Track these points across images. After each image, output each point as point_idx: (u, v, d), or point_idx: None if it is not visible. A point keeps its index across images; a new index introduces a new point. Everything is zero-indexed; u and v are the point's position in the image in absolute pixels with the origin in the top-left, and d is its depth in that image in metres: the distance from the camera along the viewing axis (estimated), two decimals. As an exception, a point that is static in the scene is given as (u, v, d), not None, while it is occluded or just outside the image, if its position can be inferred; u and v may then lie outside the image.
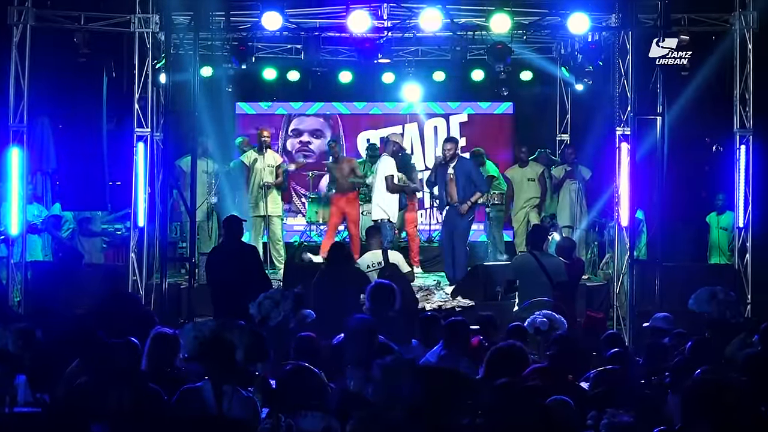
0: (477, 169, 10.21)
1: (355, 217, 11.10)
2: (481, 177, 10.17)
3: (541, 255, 8.13)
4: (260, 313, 5.85)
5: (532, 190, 11.61)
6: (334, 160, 11.28)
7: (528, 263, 8.06)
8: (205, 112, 10.50)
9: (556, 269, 8.03)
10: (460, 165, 9.95)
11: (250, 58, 10.70)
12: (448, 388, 3.56)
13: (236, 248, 7.84)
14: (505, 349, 4.56)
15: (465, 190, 9.85)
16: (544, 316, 6.58)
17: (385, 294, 5.95)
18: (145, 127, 9.62)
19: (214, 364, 4.20)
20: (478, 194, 9.89)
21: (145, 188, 9.63)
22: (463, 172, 9.88)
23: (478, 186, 9.93)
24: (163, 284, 8.99)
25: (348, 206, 11.04)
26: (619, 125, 9.50)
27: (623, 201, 9.39)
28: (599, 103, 10.90)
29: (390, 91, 13.11)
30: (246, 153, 11.15)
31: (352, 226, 11.08)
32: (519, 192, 11.65)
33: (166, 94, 9.64)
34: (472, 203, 9.84)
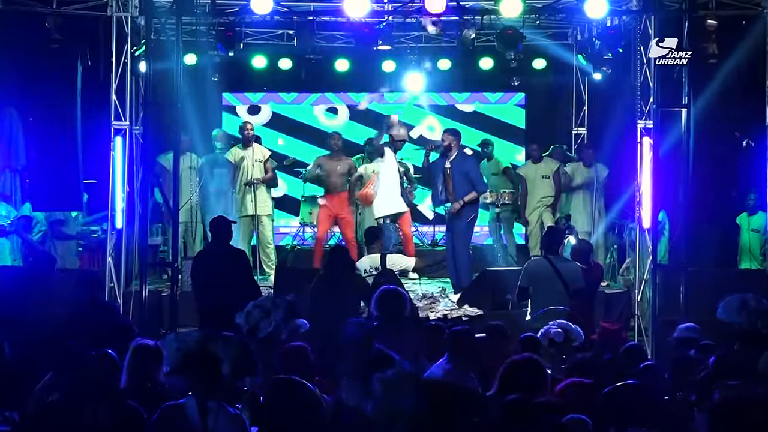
0: (477, 167, 10.09)
1: (349, 219, 11.08)
2: (480, 177, 10.10)
3: (556, 259, 8.13)
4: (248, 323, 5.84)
5: (546, 188, 11.58)
6: (330, 153, 11.16)
7: (542, 268, 8.06)
8: (189, 103, 10.50)
9: (572, 275, 8.03)
10: (459, 161, 9.93)
11: (237, 45, 10.69)
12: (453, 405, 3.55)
13: (223, 252, 7.84)
14: (522, 363, 4.55)
15: (461, 189, 9.84)
16: (559, 326, 6.57)
17: (394, 301, 5.92)
18: (124, 120, 9.61)
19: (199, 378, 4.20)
20: (473, 194, 9.85)
21: (123, 187, 9.62)
22: (460, 170, 9.87)
23: (476, 186, 9.90)
24: (143, 291, 8.99)
25: (341, 208, 10.99)
26: (641, 118, 9.49)
27: (645, 201, 9.38)
28: (619, 94, 10.89)
29: (391, 81, 13.11)
30: (231, 150, 11.10)
31: (348, 230, 11.05)
32: (532, 190, 11.62)
33: (146, 83, 9.64)
34: (465, 203, 9.81)
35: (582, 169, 11.54)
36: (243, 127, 11.00)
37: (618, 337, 7.42)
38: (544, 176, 11.62)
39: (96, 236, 11.14)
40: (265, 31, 11.97)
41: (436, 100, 13.73)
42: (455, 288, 9.98)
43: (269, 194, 11.10)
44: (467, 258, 9.97)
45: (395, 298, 5.91)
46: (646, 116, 9.44)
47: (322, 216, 11.04)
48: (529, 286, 8.10)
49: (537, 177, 11.62)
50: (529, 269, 8.24)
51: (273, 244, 11.13)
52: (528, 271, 8.22)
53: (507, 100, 13.80)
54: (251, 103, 13.76)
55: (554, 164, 11.68)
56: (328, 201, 11.02)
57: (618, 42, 10.48)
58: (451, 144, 9.95)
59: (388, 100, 13.72)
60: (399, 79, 12.93)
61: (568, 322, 6.68)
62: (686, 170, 9.27)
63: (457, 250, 9.90)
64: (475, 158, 10.31)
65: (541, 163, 11.68)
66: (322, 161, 11.12)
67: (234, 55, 10.84)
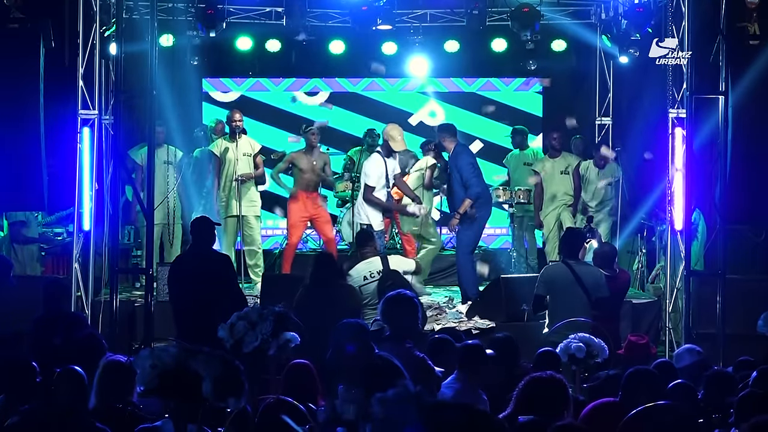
0: (469, 165, 9.96)
1: (326, 217, 11.07)
2: (472, 176, 9.91)
3: (576, 265, 8.15)
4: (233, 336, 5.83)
5: (566, 185, 11.58)
6: (306, 149, 11.02)
7: (561, 274, 8.07)
8: (165, 90, 10.51)
9: (595, 282, 8.04)
10: (454, 157, 9.95)
11: (220, 25, 10.72)
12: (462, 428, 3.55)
13: (205, 257, 7.85)
14: (543, 381, 4.56)
15: (457, 190, 9.86)
16: (581, 340, 6.57)
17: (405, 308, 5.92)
18: (92, 109, 9.62)
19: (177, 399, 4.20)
20: (466, 201, 9.81)
21: (91, 184, 9.63)
22: (454, 167, 9.90)
23: (467, 187, 9.83)
24: (113, 301, 9.00)
25: (314, 207, 10.97)
26: (673, 106, 9.50)
27: (677, 199, 9.40)
28: (648, 80, 10.90)
29: (392, 65, 13.13)
30: (215, 141, 11.12)
31: (327, 228, 11.03)
32: (549, 188, 11.61)
33: (117, 68, 9.64)
34: (460, 215, 9.81)
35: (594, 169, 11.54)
36: (230, 118, 10.95)
37: (647, 353, 7.41)
38: (563, 172, 11.61)
39: (61, 239, 11.16)
40: (251, 9, 11.99)
41: (437, 86, 13.70)
42: (464, 297, 9.99)
43: (257, 192, 11.09)
44: (468, 264, 9.96)
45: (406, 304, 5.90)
46: (678, 104, 9.45)
47: (295, 218, 10.93)
48: (546, 294, 8.11)
49: (555, 173, 11.62)
50: (546, 275, 8.25)
51: (261, 248, 11.14)
52: (545, 277, 8.23)
53: (529, 87, 13.77)
54: (235, 90, 13.74)
55: (573, 159, 11.68)
56: (300, 200, 10.92)
57: (647, 21, 10.49)
58: (441, 141, 10.02)
59: (382, 86, 13.72)
60: (401, 62, 12.95)
61: (591, 336, 6.69)
62: (723, 165, 9.28)
63: (457, 257, 9.94)
64: (468, 153, 10.16)
65: (559, 157, 11.68)
66: (296, 158, 10.97)
67: (216, 36, 10.86)
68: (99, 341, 6.17)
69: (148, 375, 4.23)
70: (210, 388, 4.18)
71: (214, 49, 12.45)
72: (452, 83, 13.81)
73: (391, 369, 4.85)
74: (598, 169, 11.48)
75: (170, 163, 10.97)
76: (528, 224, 12.02)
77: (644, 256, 11.52)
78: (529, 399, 4.56)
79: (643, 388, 5.15)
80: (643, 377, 5.28)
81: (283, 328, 6.08)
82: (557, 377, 4.65)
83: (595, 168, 11.49)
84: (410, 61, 12.84)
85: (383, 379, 4.37)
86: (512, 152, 12.40)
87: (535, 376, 4.69)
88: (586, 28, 12.25)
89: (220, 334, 5.91)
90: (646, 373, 5.38)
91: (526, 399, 4.58)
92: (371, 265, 8.53)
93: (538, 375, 4.71)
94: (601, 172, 11.45)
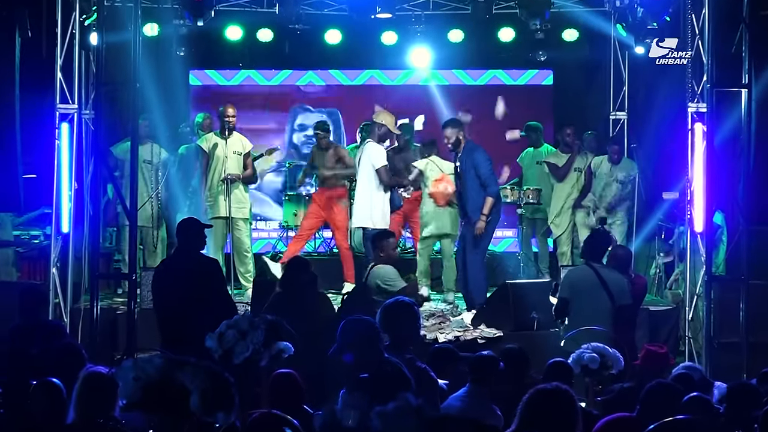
0: (486, 161, 9.98)
1: (341, 223, 11.15)
2: (491, 173, 9.94)
3: (601, 268, 8.17)
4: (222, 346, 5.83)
5: (575, 181, 11.58)
6: (318, 145, 11.37)
7: (586, 278, 8.08)
8: (150, 83, 10.50)
9: (620, 289, 8.07)
10: (466, 156, 9.92)
11: (208, 13, 10.70)
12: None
13: (192, 262, 7.84)
14: (549, 394, 4.54)
15: (473, 190, 9.83)
16: (594, 350, 6.58)
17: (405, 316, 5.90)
18: (71, 103, 9.62)
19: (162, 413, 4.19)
20: (489, 200, 9.79)
21: (70, 183, 9.62)
22: (470, 165, 9.86)
23: (485, 186, 9.83)
24: (94, 309, 8.99)
25: (331, 207, 11.09)
26: (693, 100, 9.50)
27: (698, 200, 9.39)
28: (666, 72, 10.89)
29: (392, 56, 13.13)
30: (204, 136, 11.12)
31: (339, 235, 11.14)
32: (562, 186, 11.61)
33: (98, 59, 9.64)
34: (487, 216, 9.79)
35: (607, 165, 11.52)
36: (224, 113, 10.92)
37: (665, 364, 7.41)
38: (577, 169, 11.60)
39: (38, 242, 11.15)
40: (242, -5, 12.02)
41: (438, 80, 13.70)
42: (469, 305, 9.98)
43: (247, 194, 11.09)
44: (481, 270, 9.92)
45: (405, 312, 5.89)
46: (698, 98, 9.44)
47: (311, 209, 11.27)
48: (570, 298, 8.11)
49: (568, 171, 11.61)
50: (571, 278, 8.26)
51: (251, 251, 11.14)
52: (570, 279, 8.23)
53: (541, 80, 13.78)
54: (224, 83, 13.75)
55: (587, 156, 11.65)
56: (317, 197, 11.18)
57: (664, 9, 10.49)
58: (458, 138, 9.95)
59: (380, 81, 13.72)
60: (402, 53, 12.94)
61: (605, 346, 6.68)
62: (746, 163, 9.28)
63: (468, 261, 9.87)
64: (481, 149, 10.17)
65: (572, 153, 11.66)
66: (313, 152, 11.43)
67: (204, 25, 10.84)
68: (78, 351, 6.16)
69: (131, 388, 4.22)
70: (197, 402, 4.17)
71: (201, 39, 12.44)
72: (455, 77, 13.80)
73: (400, 378, 4.85)
74: (611, 165, 11.46)
75: (150, 163, 10.93)
76: (539, 226, 12.00)
77: (662, 260, 11.51)
78: (534, 413, 4.53)
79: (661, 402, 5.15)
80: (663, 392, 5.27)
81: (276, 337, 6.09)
82: (563, 388, 4.62)
83: (609, 164, 11.47)
84: (411, 52, 12.82)
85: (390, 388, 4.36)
86: (526, 150, 12.40)
87: (540, 388, 4.66)
88: (600, 16, 12.22)
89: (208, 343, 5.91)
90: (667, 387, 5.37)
91: (530, 413, 4.56)
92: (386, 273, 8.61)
93: (543, 387, 4.68)
94: (615, 168, 11.44)
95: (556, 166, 11.62)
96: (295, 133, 14.18)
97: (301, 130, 14.18)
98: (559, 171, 11.58)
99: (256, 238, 12.57)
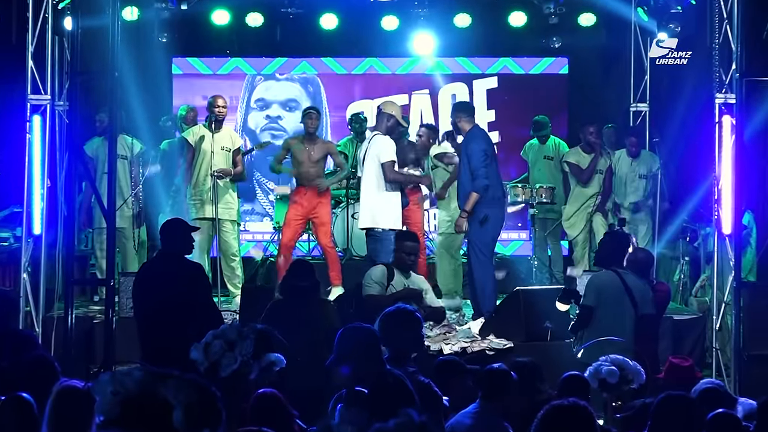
0: (479, 152, 9.78)
1: (327, 217, 11.02)
2: (480, 166, 9.71)
3: (625, 274, 8.18)
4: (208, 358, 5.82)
5: (597, 183, 11.53)
6: (304, 136, 11.03)
7: (612, 284, 8.09)
8: (129, 71, 10.49)
9: (643, 297, 8.10)
10: (465, 143, 9.86)
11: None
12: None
13: (175, 266, 7.84)
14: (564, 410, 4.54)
15: (462, 182, 9.79)
16: (613, 362, 6.56)
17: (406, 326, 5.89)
18: (43, 94, 9.61)
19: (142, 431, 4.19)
20: (473, 196, 9.65)
21: (42, 181, 9.62)
22: (464, 154, 9.83)
23: (474, 178, 9.66)
24: (68, 317, 8.98)
25: (319, 200, 10.95)
26: (720, 90, 9.49)
27: (725, 199, 9.38)
28: (691, 60, 10.90)
29: (393, 42, 13.12)
30: (191, 129, 11.08)
31: (324, 230, 10.99)
32: (579, 186, 11.58)
33: (72, 46, 9.63)
34: (468, 213, 9.68)
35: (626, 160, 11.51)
36: (213, 104, 10.85)
37: (690, 377, 7.41)
38: (599, 171, 11.52)
39: (7, 245, 11.14)
40: (229, -23, 12.02)
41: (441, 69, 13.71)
42: (476, 312, 9.97)
43: (235, 194, 11.05)
44: (487, 275, 9.87)
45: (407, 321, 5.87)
46: (726, 88, 9.43)
47: (291, 215, 10.94)
48: (595, 305, 8.11)
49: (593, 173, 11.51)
50: (596, 283, 8.25)
51: (239, 255, 11.12)
52: (596, 285, 8.22)
53: (555, 69, 13.77)
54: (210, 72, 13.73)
55: (609, 156, 11.54)
56: (299, 196, 10.96)
57: (690, -9, 10.51)
58: (456, 122, 9.94)
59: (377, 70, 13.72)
60: (403, 39, 12.94)
61: (625, 358, 6.67)
62: (779, 159, 9.28)
63: (473, 264, 9.85)
64: (483, 139, 10.07)
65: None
66: (292, 144, 11.04)
67: (188, 8, 10.85)
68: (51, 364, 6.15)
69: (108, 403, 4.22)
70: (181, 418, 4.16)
71: (185, 23, 12.45)
72: (460, 66, 13.78)
73: (402, 392, 4.84)
74: (630, 160, 11.43)
75: (125, 158, 10.89)
76: (552, 228, 11.97)
77: (687, 264, 11.50)
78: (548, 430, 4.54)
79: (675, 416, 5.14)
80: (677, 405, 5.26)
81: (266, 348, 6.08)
82: (581, 404, 4.62)
83: (628, 158, 11.44)
84: (414, 38, 12.81)
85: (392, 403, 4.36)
86: (531, 142, 12.37)
87: (555, 404, 4.66)
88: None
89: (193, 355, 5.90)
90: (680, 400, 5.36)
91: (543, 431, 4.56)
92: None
93: (559, 403, 4.68)
94: (634, 163, 11.41)
95: (579, 168, 11.52)
96: (252, 112, 13.82)
97: (262, 108, 13.85)
98: (582, 174, 11.48)
99: (244, 240, 12.57)
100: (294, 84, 13.80)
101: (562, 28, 12.45)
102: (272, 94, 13.82)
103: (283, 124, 13.70)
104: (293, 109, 13.58)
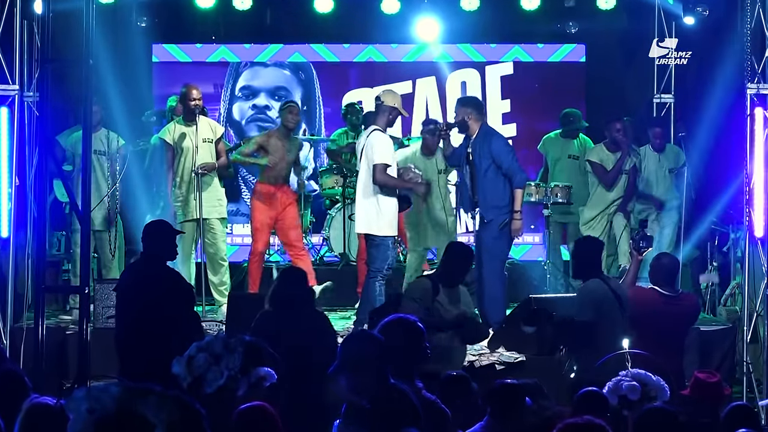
0: (507, 148, 9.98)
1: (291, 218, 10.98)
2: (514, 161, 9.83)
3: (609, 280, 8.35)
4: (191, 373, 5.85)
5: (622, 186, 11.39)
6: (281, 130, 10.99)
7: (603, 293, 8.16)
8: (105, 59, 10.51)
9: (627, 299, 8.21)
10: (480, 141, 9.85)
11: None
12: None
13: (157, 272, 7.86)
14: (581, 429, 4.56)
15: (489, 182, 9.79)
16: (634, 377, 6.58)
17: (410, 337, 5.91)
18: (11, 83, 9.63)
19: (120, 452, 4.21)
20: (519, 192, 9.74)
21: (10, 179, 9.63)
22: (485, 152, 9.79)
23: (510, 175, 9.75)
24: (39, 328, 8.99)
25: (292, 201, 11.00)
26: (752, 80, 9.50)
27: (758, 198, 9.41)
28: (720, 46, 10.90)
29: (394, 28, 13.13)
30: (165, 127, 10.98)
31: (292, 234, 10.92)
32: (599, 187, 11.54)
33: (43, 31, 9.64)
34: (520, 212, 9.74)
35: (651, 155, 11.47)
36: (186, 95, 10.79)
37: (718, 394, 7.43)
38: (624, 171, 11.41)
39: (-28, 249, 11.16)
40: (214, -45, 12.04)
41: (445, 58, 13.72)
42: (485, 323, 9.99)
43: (222, 190, 11.03)
44: (498, 283, 9.87)
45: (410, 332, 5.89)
46: (759, 77, 9.45)
47: (260, 219, 10.89)
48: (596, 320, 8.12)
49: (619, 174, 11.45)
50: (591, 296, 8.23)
51: (227, 260, 11.11)
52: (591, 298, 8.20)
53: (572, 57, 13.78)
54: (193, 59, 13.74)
55: (637, 155, 11.42)
56: (266, 195, 10.91)
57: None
58: (465, 119, 9.89)
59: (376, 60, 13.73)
60: (405, 24, 12.94)
61: (647, 373, 6.69)
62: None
63: (484, 271, 9.84)
64: (499, 134, 10.10)
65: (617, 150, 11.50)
66: (267, 141, 10.94)
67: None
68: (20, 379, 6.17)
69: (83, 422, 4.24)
70: (162, 437, 4.19)
71: (166, 7, 12.46)
72: (466, 56, 13.79)
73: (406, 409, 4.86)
74: (657, 155, 11.37)
75: (104, 154, 10.88)
76: (570, 231, 11.94)
77: (715, 270, 11.51)
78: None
79: None
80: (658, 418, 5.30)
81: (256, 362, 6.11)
82: (597, 423, 4.65)
83: (654, 153, 11.36)
84: (417, 23, 12.81)
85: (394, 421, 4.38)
86: (549, 135, 12.24)
87: (570, 422, 4.69)
88: (642, -21, 12.27)
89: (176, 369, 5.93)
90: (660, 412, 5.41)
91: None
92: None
93: (573, 421, 4.71)
94: (662, 157, 11.35)
95: (603, 168, 11.40)
96: (238, 101, 13.86)
97: (248, 97, 13.87)
98: (607, 176, 11.36)
99: (231, 244, 12.57)
100: (284, 70, 13.79)
101: (579, 11, 12.46)
102: (259, 82, 13.82)
103: (272, 114, 13.60)
104: (283, 98, 13.37)
